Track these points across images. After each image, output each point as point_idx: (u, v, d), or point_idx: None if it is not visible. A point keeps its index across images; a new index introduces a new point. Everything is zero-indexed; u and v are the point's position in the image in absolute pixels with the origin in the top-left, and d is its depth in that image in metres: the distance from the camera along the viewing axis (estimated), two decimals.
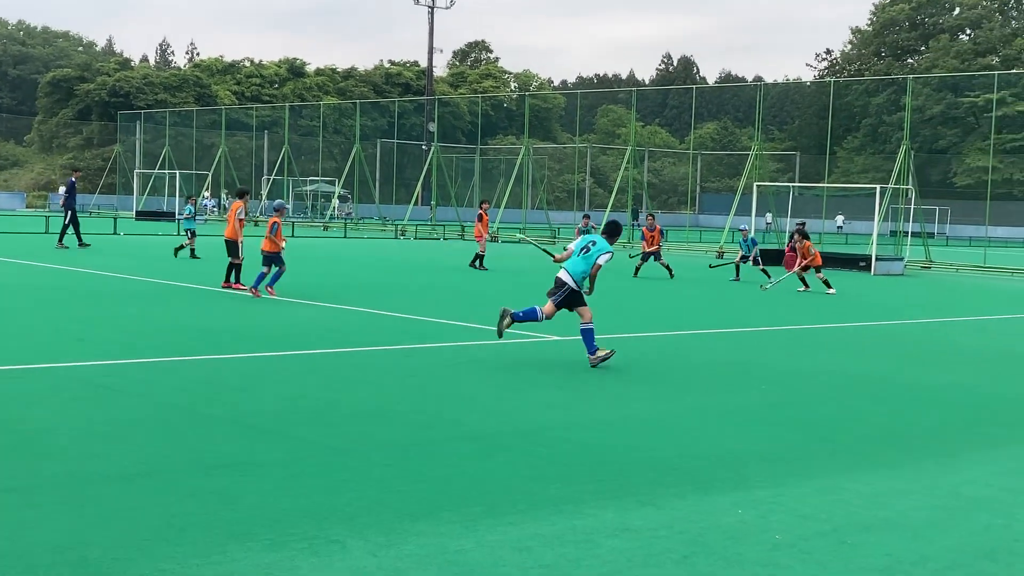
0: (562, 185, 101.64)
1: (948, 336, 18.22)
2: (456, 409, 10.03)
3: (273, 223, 20.09)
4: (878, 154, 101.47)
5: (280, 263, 19.99)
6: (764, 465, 8.31)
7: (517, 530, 6.44)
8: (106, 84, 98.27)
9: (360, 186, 68.58)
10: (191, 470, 7.56)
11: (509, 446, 8.65)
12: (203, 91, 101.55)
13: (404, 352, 13.76)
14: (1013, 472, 8.45)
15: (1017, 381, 13.32)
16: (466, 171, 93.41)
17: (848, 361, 14.41)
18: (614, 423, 9.73)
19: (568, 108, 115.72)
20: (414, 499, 7.01)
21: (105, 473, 7.43)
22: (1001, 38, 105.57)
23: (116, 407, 9.66)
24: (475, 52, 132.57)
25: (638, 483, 7.62)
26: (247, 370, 11.92)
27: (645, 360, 13.83)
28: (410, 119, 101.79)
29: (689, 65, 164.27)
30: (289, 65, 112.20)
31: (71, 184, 34.48)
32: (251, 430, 8.90)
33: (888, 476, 8.11)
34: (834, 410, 10.83)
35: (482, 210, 31.56)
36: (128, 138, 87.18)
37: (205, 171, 75.34)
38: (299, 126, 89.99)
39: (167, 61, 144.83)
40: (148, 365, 12.04)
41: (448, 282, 25.77)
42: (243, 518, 6.48)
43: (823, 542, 6.43)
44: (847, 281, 30.85)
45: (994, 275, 36.83)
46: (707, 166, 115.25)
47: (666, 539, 6.37)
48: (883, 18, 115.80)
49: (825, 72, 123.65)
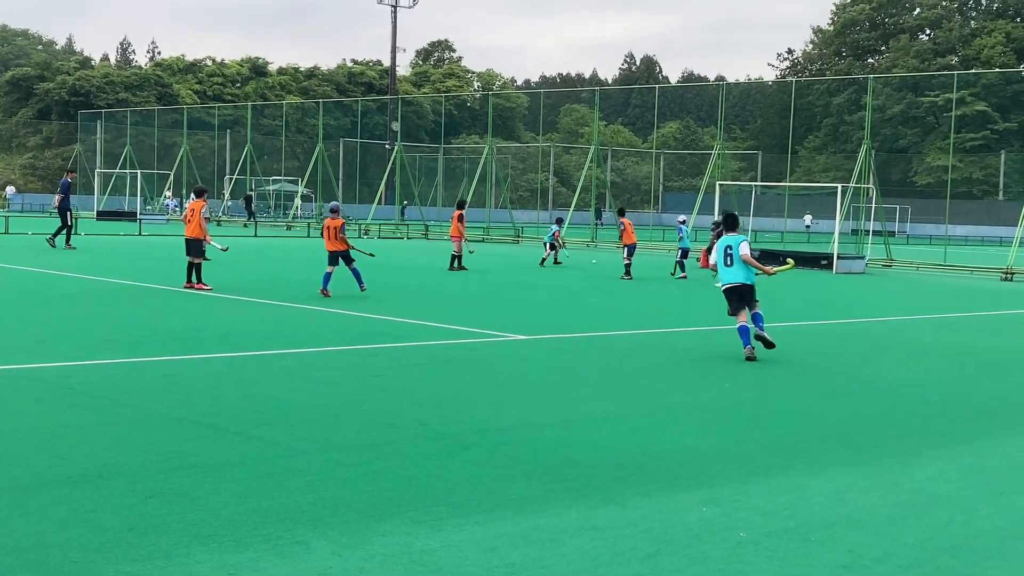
0: (526, 184, 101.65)
1: (909, 334, 18.37)
2: (420, 409, 10.02)
3: (342, 224, 21.08)
4: (839, 153, 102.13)
5: (351, 260, 21.01)
6: (728, 463, 8.35)
7: (482, 530, 6.44)
8: (66, 83, 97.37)
9: (323, 185, 68.33)
10: (153, 471, 7.51)
11: (474, 445, 8.65)
12: (164, 90, 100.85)
13: (368, 352, 13.72)
14: (973, 469, 8.54)
15: (976, 378, 13.45)
16: (430, 170, 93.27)
17: (810, 359, 14.50)
18: (578, 422, 9.75)
19: (531, 107, 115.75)
20: (379, 499, 7.00)
21: (66, 475, 7.37)
22: (960, 38, 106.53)
23: (77, 408, 9.58)
24: (438, 51, 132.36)
25: (602, 482, 7.64)
26: (209, 370, 11.86)
27: (607, 359, 13.86)
28: (373, 118, 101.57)
29: (652, 64, 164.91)
30: (251, 64, 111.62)
31: (65, 184, 34.01)
32: (214, 431, 8.85)
33: (850, 473, 8.17)
34: (797, 408, 10.90)
35: (460, 211, 31.25)
36: (89, 138, 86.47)
37: (167, 171, 74.82)
38: (262, 125, 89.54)
39: (128, 60, 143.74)
40: (109, 366, 11.96)
41: (413, 281, 25.72)
42: (206, 519, 6.44)
43: (787, 539, 6.47)
44: (809, 279, 31.04)
45: (954, 273, 37.17)
46: (670, 165, 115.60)
47: (631, 538, 6.39)
48: (844, 18, 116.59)
49: (787, 72, 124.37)
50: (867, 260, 37.38)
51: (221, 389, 10.69)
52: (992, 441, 9.65)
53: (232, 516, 6.51)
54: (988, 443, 9.55)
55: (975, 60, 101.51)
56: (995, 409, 11.32)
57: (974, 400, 11.80)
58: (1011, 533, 6.82)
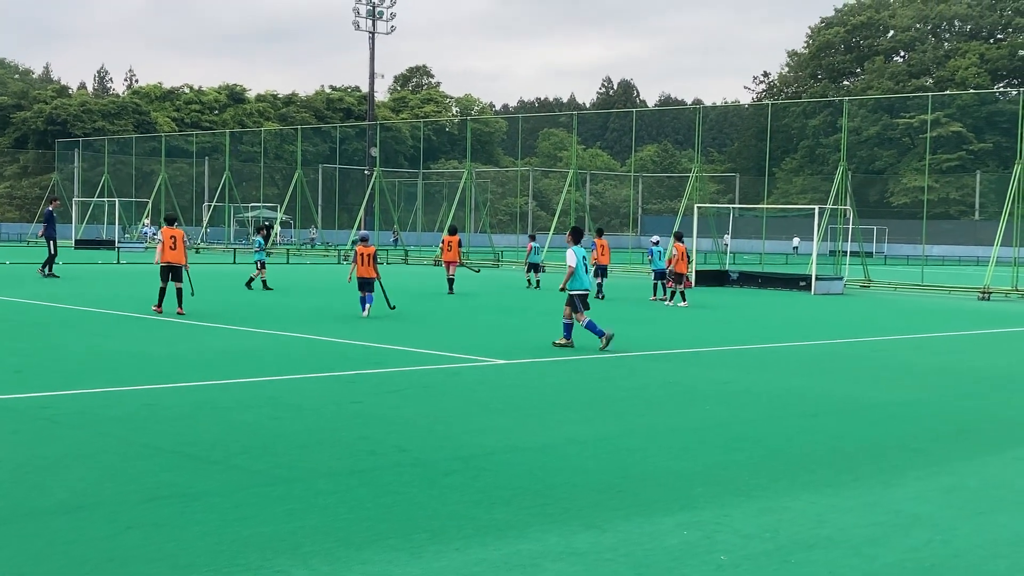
0: (505, 208, 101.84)
1: (888, 354, 18.44)
2: (401, 435, 10.00)
3: (375, 252, 22.31)
4: (816, 175, 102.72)
5: (371, 289, 22.09)
6: (708, 485, 8.36)
7: (463, 556, 6.43)
8: (43, 112, 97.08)
9: (302, 212, 68.28)
10: (132, 502, 7.48)
11: (454, 471, 8.63)
12: (142, 118, 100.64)
13: (348, 378, 13.70)
14: (952, 488, 8.57)
15: (955, 398, 13.51)
16: (409, 195, 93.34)
17: (789, 380, 14.54)
18: (557, 446, 9.74)
19: (510, 132, 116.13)
20: (359, 527, 6.98)
21: (45, 506, 7.32)
22: (935, 59, 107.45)
23: (55, 439, 9.53)
24: (416, 77, 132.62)
25: (583, 506, 7.64)
26: (188, 399, 11.81)
27: (587, 382, 13.87)
28: (352, 144, 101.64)
29: (629, 88, 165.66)
30: (229, 91, 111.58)
31: (49, 214, 34.10)
32: (192, 460, 8.81)
33: (829, 494, 8.19)
34: (776, 429, 10.92)
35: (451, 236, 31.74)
36: (66, 166, 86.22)
37: (145, 198, 74.65)
38: (240, 152, 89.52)
39: (105, 88, 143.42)
40: (87, 396, 11.90)
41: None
42: (186, 549, 6.41)
43: (767, 561, 6.48)
44: (788, 301, 31.15)
45: (932, 293, 37.37)
46: (648, 188, 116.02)
47: (611, 562, 6.39)
48: (819, 41, 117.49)
49: (763, 95, 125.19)
50: (845, 281, 37.54)
51: (200, 418, 10.65)
52: (971, 461, 9.69)
53: (212, 546, 6.49)
54: (967, 463, 9.59)
55: (950, 81, 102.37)
56: (974, 428, 11.37)
57: (953, 420, 11.85)
58: (991, 553, 6.85)
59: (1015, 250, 36.68)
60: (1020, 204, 35.99)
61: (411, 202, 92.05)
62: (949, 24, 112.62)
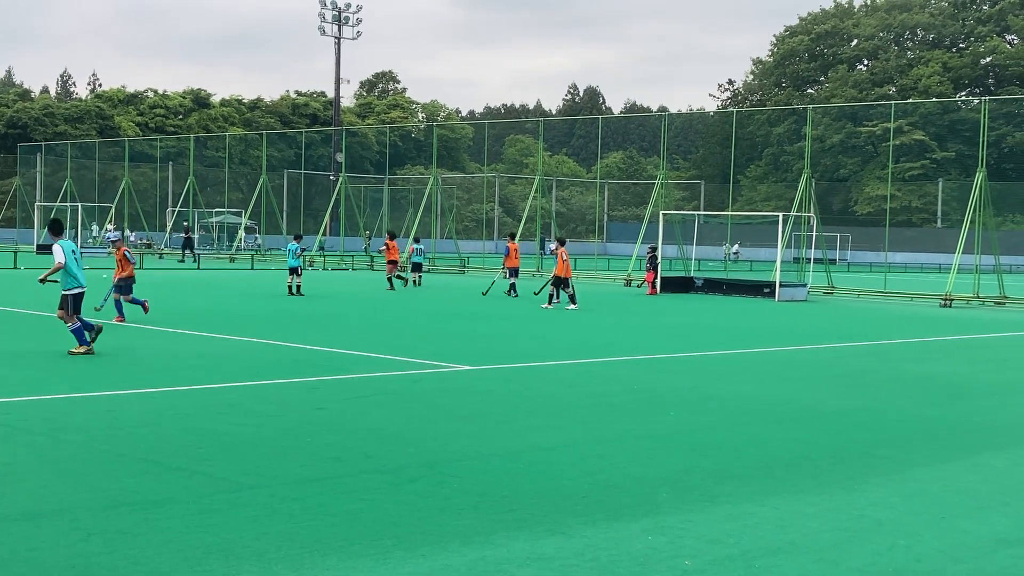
0: (471, 215, 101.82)
1: (851, 360, 18.56)
2: (366, 441, 9.98)
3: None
4: (780, 182, 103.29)
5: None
6: (673, 491, 8.39)
7: (429, 562, 6.42)
8: (4, 115, 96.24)
9: (267, 217, 68.01)
10: (95, 509, 7.42)
11: (420, 477, 8.62)
12: (106, 123, 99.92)
13: (312, 384, 13.65)
14: (914, 494, 8.63)
15: (918, 404, 13.60)
16: (375, 201, 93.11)
17: (754, 387, 14.60)
18: (523, 452, 9.75)
19: (476, 138, 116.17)
20: (324, 533, 6.96)
21: (6, 513, 7.25)
22: (897, 68, 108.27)
23: (16, 445, 9.44)
24: (382, 83, 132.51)
25: (549, 512, 7.65)
26: (150, 406, 11.73)
27: (552, 389, 13.88)
28: (318, 150, 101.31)
29: (595, 96, 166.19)
30: (194, 96, 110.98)
31: None
32: (156, 466, 8.76)
33: (794, 500, 8.24)
34: (741, 436, 10.97)
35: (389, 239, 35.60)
36: (28, 171, 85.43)
37: (108, 203, 74.12)
38: (205, 157, 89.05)
39: (68, 92, 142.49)
40: (48, 402, 11.80)
41: (357, 312, 25.63)
42: (149, 556, 6.37)
43: (732, 566, 6.51)
44: (752, 307, 31.30)
45: (894, 300, 37.64)
46: (614, 195, 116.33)
47: (577, 567, 6.40)
48: (783, 49, 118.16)
49: (728, 102, 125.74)
50: (809, 288, 37.76)
51: (163, 424, 10.58)
52: (933, 467, 9.76)
53: (175, 553, 6.45)
54: (930, 468, 9.66)
55: (912, 90, 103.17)
56: (937, 434, 11.47)
57: (916, 426, 11.93)
58: (952, 557, 6.90)
59: (976, 257, 37.01)
60: (982, 212, 36.32)
61: (377, 208, 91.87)
62: (912, 33, 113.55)
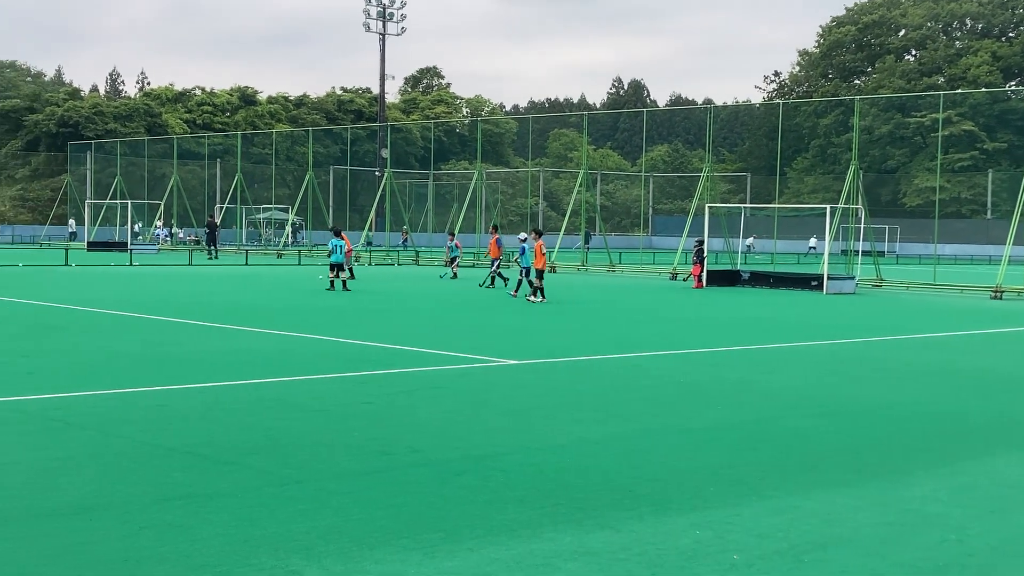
0: (515, 209, 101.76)
1: (900, 353, 18.40)
2: (412, 435, 10.01)
3: None
4: (827, 174, 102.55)
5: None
6: (720, 485, 8.35)
7: (476, 555, 6.44)
8: (55, 114, 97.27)
9: (313, 213, 68.39)
10: (145, 502, 7.50)
11: (466, 471, 8.64)
12: (154, 120, 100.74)
13: (359, 379, 13.71)
14: (963, 488, 8.54)
15: (967, 397, 13.46)
16: (420, 196, 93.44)
17: (801, 380, 14.52)
18: (570, 446, 9.74)
19: (520, 132, 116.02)
20: (372, 526, 6.99)
21: (58, 507, 7.35)
22: (946, 58, 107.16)
23: (68, 440, 9.56)
24: (427, 78, 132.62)
25: (596, 506, 7.64)
26: (200, 400, 11.83)
27: (598, 382, 13.86)
28: (363, 146, 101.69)
29: (640, 88, 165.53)
30: (241, 93, 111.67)
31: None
32: (205, 461, 8.84)
33: (841, 494, 8.18)
34: (787, 429, 10.91)
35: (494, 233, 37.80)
36: (78, 168, 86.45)
37: (157, 200, 74.84)
38: (251, 154, 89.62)
39: (117, 90, 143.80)
40: (99, 397, 11.93)
41: (402, 307, 25.72)
42: (199, 550, 6.43)
43: (780, 561, 6.47)
44: (800, 300, 31.11)
45: (943, 292, 37.27)
46: (659, 188, 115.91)
47: (625, 561, 6.39)
48: (830, 40, 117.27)
49: (774, 94, 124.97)
50: (857, 280, 37.46)
51: (212, 419, 10.67)
52: (982, 460, 9.66)
53: (224, 546, 6.50)
54: (978, 462, 9.56)
55: (961, 80, 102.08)
56: (985, 428, 11.34)
57: (965, 419, 11.82)
58: (1003, 551, 6.83)
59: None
60: None
61: (422, 203, 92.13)
62: (960, 22, 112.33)
